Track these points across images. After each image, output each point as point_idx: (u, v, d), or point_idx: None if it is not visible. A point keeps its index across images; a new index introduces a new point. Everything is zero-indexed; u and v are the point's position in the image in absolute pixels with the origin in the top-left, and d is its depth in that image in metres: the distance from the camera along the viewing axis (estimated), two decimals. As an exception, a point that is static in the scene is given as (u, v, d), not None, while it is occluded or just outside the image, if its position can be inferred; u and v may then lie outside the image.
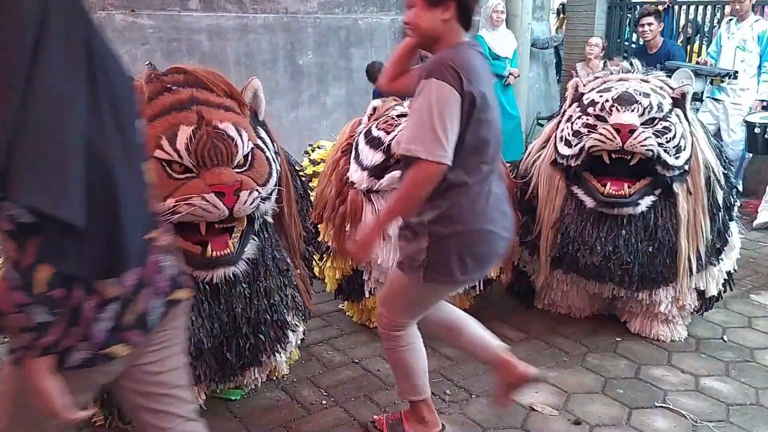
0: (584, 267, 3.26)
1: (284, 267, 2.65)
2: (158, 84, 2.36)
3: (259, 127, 2.56)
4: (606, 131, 3.04)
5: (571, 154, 3.19)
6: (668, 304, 3.30)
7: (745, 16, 5.75)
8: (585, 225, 3.21)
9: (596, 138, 3.08)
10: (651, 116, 3.07)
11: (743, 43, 5.72)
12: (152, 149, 2.21)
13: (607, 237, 3.16)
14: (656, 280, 3.22)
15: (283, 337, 2.68)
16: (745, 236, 4.95)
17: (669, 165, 3.06)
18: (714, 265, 3.31)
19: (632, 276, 3.19)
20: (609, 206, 3.12)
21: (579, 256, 3.23)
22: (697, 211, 3.15)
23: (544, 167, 3.37)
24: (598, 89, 3.24)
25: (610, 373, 3.07)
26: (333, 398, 2.84)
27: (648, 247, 3.14)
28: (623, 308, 3.52)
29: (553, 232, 3.32)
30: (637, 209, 3.10)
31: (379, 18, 7.35)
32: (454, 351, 3.25)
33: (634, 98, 3.08)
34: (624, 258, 3.15)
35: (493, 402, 2.65)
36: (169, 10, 6.53)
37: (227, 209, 2.23)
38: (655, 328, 3.39)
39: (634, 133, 2.99)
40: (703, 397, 2.88)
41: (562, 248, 3.29)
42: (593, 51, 6.92)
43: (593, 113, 3.15)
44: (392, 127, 3.10)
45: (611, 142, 3.03)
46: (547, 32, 9.16)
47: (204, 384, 2.59)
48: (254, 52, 6.93)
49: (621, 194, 3.10)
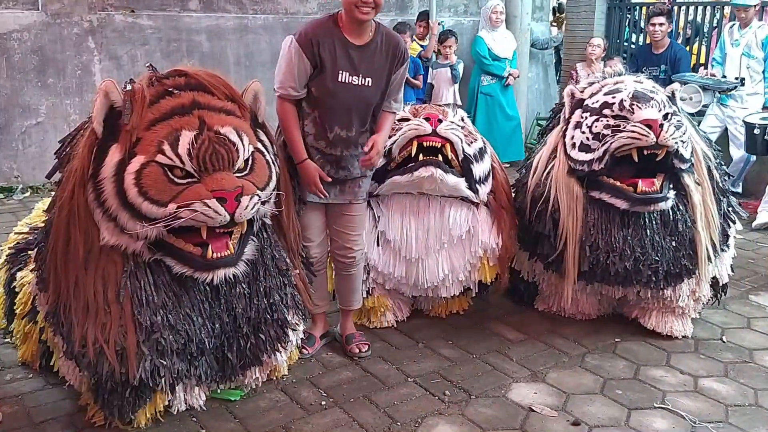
0: (615, 275, 3.23)
1: (283, 267, 2.66)
2: (159, 87, 2.36)
3: (259, 130, 2.57)
4: (638, 128, 3.01)
5: (594, 158, 3.14)
6: (687, 296, 3.34)
7: (748, 23, 5.78)
8: (611, 231, 3.19)
9: (628, 137, 3.03)
10: (666, 111, 3.13)
11: (748, 50, 5.76)
12: (154, 154, 2.23)
13: (634, 239, 3.17)
14: (680, 275, 3.25)
15: (283, 336, 2.69)
16: (744, 237, 4.98)
17: (684, 158, 3.15)
18: (724, 250, 3.43)
19: (659, 274, 3.22)
20: (645, 203, 3.11)
21: (609, 264, 3.20)
22: (706, 200, 3.27)
23: (562, 178, 3.27)
24: (604, 92, 3.25)
25: (609, 374, 3.08)
26: (332, 399, 2.84)
27: (671, 242, 3.20)
28: (634, 305, 3.51)
29: (580, 246, 3.24)
30: (668, 203, 3.15)
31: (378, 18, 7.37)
32: (453, 352, 3.26)
33: (648, 96, 3.13)
34: (652, 257, 3.18)
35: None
36: (168, 10, 6.54)
37: (228, 215, 2.23)
38: (670, 323, 3.40)
39: (663, 127, 3.01)
40: (702, 398, 2.89)
41: (593, 260, 3.23)
42: (595, 52, 6.91)
43: (611, 114, 3.13)
44: (393, 131, 3.11)
45: (646, 138, 2.99)
46: (546, 33, 9.17)
47: (205, 384, 2.60)
48: (254, 53, 6.95)
49: (654, 190, 3.11)
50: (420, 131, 3.09)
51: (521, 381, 3.01)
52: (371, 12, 2.72)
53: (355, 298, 3.27)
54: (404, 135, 3.12)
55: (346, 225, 3.07)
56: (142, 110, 2.27)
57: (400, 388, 2.94)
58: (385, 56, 2.87)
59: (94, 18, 6.15)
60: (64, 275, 2.31)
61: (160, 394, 2.49)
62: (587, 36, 7.62)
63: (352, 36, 2.80)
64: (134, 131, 2.26)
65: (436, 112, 3.20)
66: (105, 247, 2.29)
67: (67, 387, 2.72)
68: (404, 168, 3.16)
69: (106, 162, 2.25)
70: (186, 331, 2.37)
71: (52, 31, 5.99)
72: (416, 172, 3.10)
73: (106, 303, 2.28)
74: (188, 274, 2.35)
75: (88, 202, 2.27)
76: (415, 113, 3.28)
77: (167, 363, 2.35)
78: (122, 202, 2.23)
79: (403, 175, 3.15)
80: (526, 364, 3.15)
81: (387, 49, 2.87)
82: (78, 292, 2.29)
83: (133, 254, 2.31)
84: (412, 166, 3.13)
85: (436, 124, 3.10)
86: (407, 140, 3.13)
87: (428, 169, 3.09)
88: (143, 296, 2.30)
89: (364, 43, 2.83)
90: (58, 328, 2.37)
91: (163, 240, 2.30)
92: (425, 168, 3.09)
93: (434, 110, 3.26)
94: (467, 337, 3.42)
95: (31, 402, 2.77)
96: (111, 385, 2.35)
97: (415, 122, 3.13)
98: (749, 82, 5.77)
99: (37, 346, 2.85)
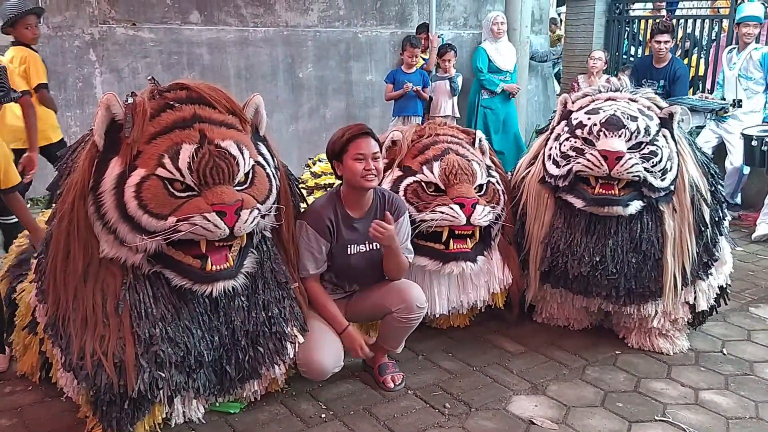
0: (573, 280, 3.29)
1: (283, 280, 2.67)
2: (161, 100, 2.38)
3: (260, 143, 2.58)
4: (593, 158, 3.05)
5: (559, 175, 3.22)
6: (660, 318, 3.31)
7: (751, 41, 5.82)
8: (574, 236, 3.24)
9: (583, 164, 3.09)
10: (638, 141, 3.08)
11: (744, 72, 5.80)
12: (154, 167, 2.23)
13: (595, 246, 3.19)
14: (643, 294, 3.23)
15: (282, 349, 2.68)
16: (743, 249, 4.98)
17: (655, 187, 3.10)
18: (702, 279, 3.30)
19: (619, 289, 3.22)
20: (599, 204, 3.11)
21: (568, 268, 3.26)
22: (683, 229, 3.16)
23: (533, 184, 3.39)
24: (586, 110, 3.26)
25: (609, 387, 3.07)
26: (332, 411, 2.83)
27: (633, 259, 3.17)
28: (618, 323, 3.53)
29: (543, 246, 3.34)
30: (627, 210, 3.11)
31: (378, 32, 7.41)
32: (453, 364, 3.26)
33: (622, 122, 3.09)
34: (610, 268, 3.18)
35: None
36: (169, 23, 6.58)
37: (228, 228, 2.24)
38: (654, 342, 3.39)
39: (621, 160, 3.00)
40: (703, 411, 2.88)
41: (552, 262, 3.32)
42: (596, 65, 6.89)
43: (581, 136, 3.16)
44: (421, 204, 3.12)
45: (598, 169, 3.05)
46: (546, 45, 9.21)
47: (203, 397, 2.59)
48: (254, 66, 6.98)
49: (612, 193, 3.11)
50: (454, 222, 3.04)
51: (522, 393, 3.00)
52: (375, 180, 2.81)
53: (401, 344, 3.10)
54: (437, 223, 3.06)
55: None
56: (143, 123, 2.28)
57: (400, 400, 2.93)
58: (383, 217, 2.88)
59: (96, 31, 6.19)
60: (63, 287, 2.32)
61: (158, 406, 2.48)
62: (586, 49, 7.65)
63: (354, 209, 2.89)
64: (135, 144, 2.26)
65: (469, 195, 3.06)
66: (104, 260, 2.30)
67: (66, 399, 2.72)
68: (433, 252, 3.13)
69: (106, 175, 2.26)
70: (185, 343, 2.37)
71: (53, 43, 6.03)
72: (446, 266, 3.11)
73: (105, 315, 2.28)
74: (187, 286, 2.35)
75: (88, 215, 2.28)
76: (421, 134, 3.30)
77: (166, 375, 2.34)
78: (122, 215, 2.23)
79: (431, 260, 3.13)
80: (526, 377, 3.15)
81: (384, 210, 2.92)
82: (77, 304, 2.29)
83: (133, 267, 2.32)
84: (441, 255, 3.12)
85: (469, 211, 3.03)
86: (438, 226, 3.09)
87: (458, 264, 3.11)
88: (142, 308, 2.30)
89: (365, 213, 2.91)
90: (57, 339, 2.37)
91: (162, 252, 2.31)
92: (455, 264, 3.10)
93: (466, 189, 3.09)
94: (467, 350, 3.41)
95: (30, 414, 2.76)
96: (109, 397, 2.34)
97: (449, 211, 3.03)
98: (746, 102, 5.82)
99: (37, 358, 2.86)
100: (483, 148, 3.41)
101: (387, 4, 7.75)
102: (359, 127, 2.84)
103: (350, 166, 2.78)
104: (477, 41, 8.14)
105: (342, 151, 2.80)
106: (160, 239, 2.23)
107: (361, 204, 2.90)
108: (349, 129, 2.84)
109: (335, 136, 2.87)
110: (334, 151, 2.84)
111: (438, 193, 3.09)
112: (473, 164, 3.19)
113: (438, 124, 3.48)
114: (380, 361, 3.10)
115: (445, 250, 3.12)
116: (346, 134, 2.81)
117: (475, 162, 3.22)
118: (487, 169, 3.30)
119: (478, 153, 3.34)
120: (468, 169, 3.15)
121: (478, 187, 3.17)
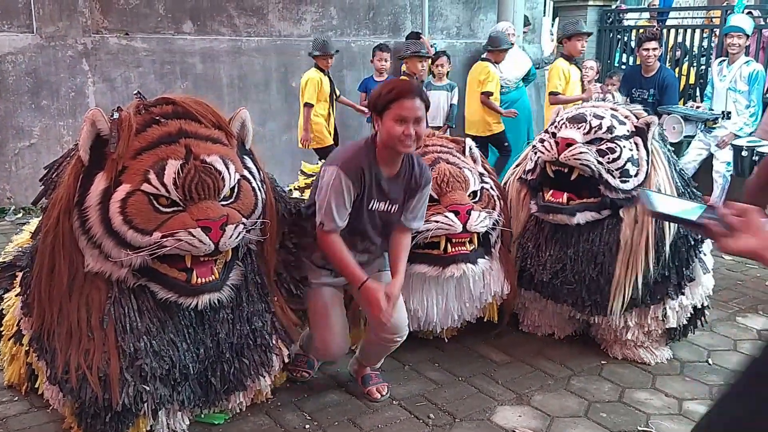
0: (538, 284, 3.41)
1: (265, 292, 2.68)
2: (146, 115, 2.40)
3: (246, 156, 2.60)
4: (548, 143, 3.24)
5: (529, 169, 3.40)
6: (634, 330, 3.34)
7: (736, 58, 5.87)
8: (540, 240, 3.38)
9: (539, 149, 3.29)
10: (598, 136, 3.18)
11: (734, 84, 5.86)
12: (140, 183, 2.26)
13: (558, 255, 3.29)
14: (606, 306, 3.25)
15: (267, 361, 2.70)
16: (731, 258, 5.00)
17: (612, 186, 3.15)
18: (672, 298, 3.26)
19: (584, 300, 3.29)
20: (545, 211, 3.29)
21: (533, 272, 3.38)
22: (639, 240, 3.14)
23: (515, 183, 3.57)
24: (566, 112, 3.42)
25: (594, 397, 3.09)
26: (317, 422, 2.85)
27: (591, 271, 3.22)
28: (597, 334, 3.56)
29: (515, 245, 3.47)
30: (572, 220, 3.20)
31: (371, 41, 7.44)
32: (439, 374, 3.27)
33: (584, 117, 3.25)
34: (569, 278, 3.26)
35: None
36: (162, 33, 6.60)
37: (213, 244, 2.26)
38: (634, 352, 3.42)
39: (570, 147, 3.14)
40: (686, 421, 2.90)
41: (522, 262, 3.44)
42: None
43: (550, 130, 3.34)
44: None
45: (548, 153, 3.22)
46: (539, 54, 9.25)
47: (188, 409, 2.61)
48: (247, 75, 7.00)
49: (559, 201, 3.24)
50: (450, 230, 3.03)
51: (506, 404, 3.02)
52: (412, 146, 2.65)
53: (381, 362, 3.12)
54: (433, 233, 3.03)
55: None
56: (129, 139, 2.30)
57: (385, 411, 2.95)
58: (411, 183, 2.83)
59: (89, 41, 6.21)
60: (48, 301, 2.33)
61: (142, 418, 2.49)
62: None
63: (386, 167, 2.74)
64: (120, 160, 2.29)
65: (463, 202, 3.07)
66: (89, 274, 2.32)
67: (51, 411, 2.73)
68: (432, 258, 3.09)
69: (91, 190, 2.28)
70: (170, 356, 2.39)
71: (46, 53, 6.05)
72: (447, 270, 3.06)
73: (90, 329, 2.29)
74: (173, 299, 2.37)
75: (73, 229, 2.30)
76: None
77: (150, 389, 2.36)
78: (107, 230, 2.25)
79: (430, 266, 3.08)
80: (511, 387, 3.17)
81: (411, 176, 2.82)
82: (62, 318, 2.31)
83: (118, 281, 2.33)
84: (440, 259, 3.08)
85: (465, 218, 3.02)
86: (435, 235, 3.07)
87: (459, 267, 3.07)
88: (127, 322, 2.32)
89: (395, 173, 2.78)
90: (42, 353, 2.39)
91: (147, 266, 2.32)
92: (456, 266, 3.07)
93: (459, 196, 3.09)
94: (453, 360, 3.43)
95: (15, 425, 2.77)
96: (94, 410, 2.35)
97: (444, 220, 3.02)
98: (735, 115, 5.87)
99: (24, 368, 2.86)
100: (474, 156, 3.43)
101: (380, 13, 7.79)
102: (407, 86, 2.65)
103: (389, 128, 2.59)
104: (470, 51, 8.18)
105: (384, 108, 2.61)
106: (145, 254, 2.25)
107: (392, 165, 2.75)
108: (396, 86, 2.64)
109: (382, 88, 2.67)
110: (376, 106, 2.64)
111: (432, 203, 3.08)
112: (465, 171, 3.20)
113: (426, 135, 3.50)
114: (365, 372, 3.11)
115: (443, 254, 3.09)
116: (393, 91, 2.60)
117: (467, 169, 3.23)
118: (480, 176, 3.32)
119: (469, 161, 3.35)
120: (460, 176, 3.16)
121: (472, 193, 3.18)
